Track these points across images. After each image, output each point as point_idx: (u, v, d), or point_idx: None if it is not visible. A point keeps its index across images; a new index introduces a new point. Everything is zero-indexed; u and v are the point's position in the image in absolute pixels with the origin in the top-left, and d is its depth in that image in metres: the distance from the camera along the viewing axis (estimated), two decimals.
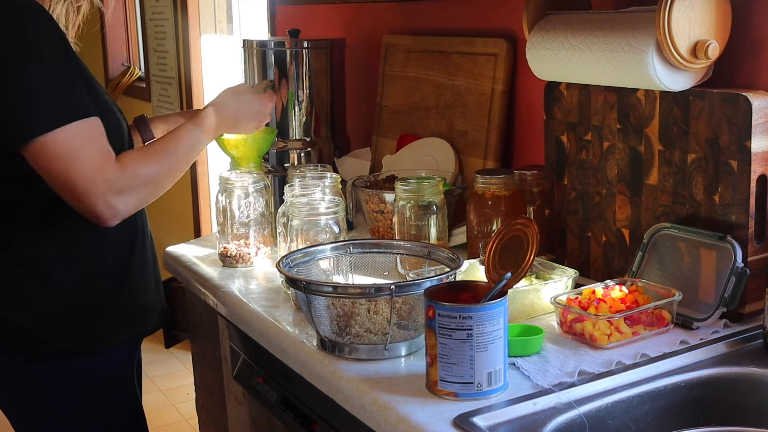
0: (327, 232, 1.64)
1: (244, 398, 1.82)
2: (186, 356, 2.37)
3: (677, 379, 1.29)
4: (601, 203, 1.69)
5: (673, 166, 1.55)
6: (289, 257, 1.49)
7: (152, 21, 4.28)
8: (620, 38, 1.51)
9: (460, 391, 1.22)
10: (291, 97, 2.42)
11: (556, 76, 1.71)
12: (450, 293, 1.28)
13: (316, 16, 2.82)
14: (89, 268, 1.59)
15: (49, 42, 1.45)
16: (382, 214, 1.97)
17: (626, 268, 1.63)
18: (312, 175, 1.91)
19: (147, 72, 4.49)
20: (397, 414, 1.20)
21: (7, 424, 1.72)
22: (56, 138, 1.42)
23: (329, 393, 1.36)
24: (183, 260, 2.02)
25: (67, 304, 1.58)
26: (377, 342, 1.37)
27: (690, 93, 1.50)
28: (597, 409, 1.22)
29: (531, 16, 1.73)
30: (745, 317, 1.46)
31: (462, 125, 2.16)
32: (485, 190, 1.77)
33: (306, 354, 1.44)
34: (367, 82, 2.62)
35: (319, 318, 1.39)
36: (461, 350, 1.20)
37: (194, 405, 2.34)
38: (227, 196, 1.91)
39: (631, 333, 1.39)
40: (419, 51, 2.32)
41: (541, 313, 1.53)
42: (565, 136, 1.75)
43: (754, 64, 1.54)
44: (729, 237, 1.43)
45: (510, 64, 2.04)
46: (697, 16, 1.43)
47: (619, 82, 1.56)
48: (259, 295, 1.73)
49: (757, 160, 1.42)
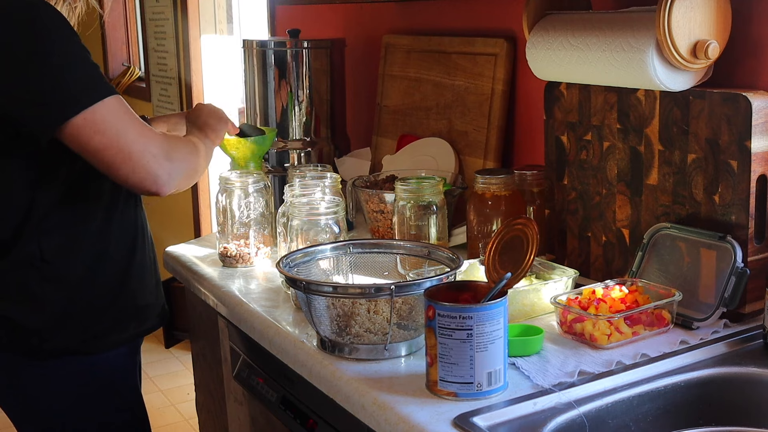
0: (327, 232, 1.64)
1: (244, 398, 1.82)
2: (186, 356, 2.37)
3: (677, 379, 1.29)
4: (601, 203, 1.69)
5: (673, 166, 1.55)
6: (289, 257, 1.49)
7: (152, 21, 4.28)
8: (620, 38, 1.51)
9: (460, 391, 1.22)
10: (291, 97, 2.42)
11: (556, 76, 1.71)
12: (450, 293, 1.28)
13: (316, 16, 2.82)
14: (91, 267, 1.59)
15: (69, 28, 1.46)
16: (382, 214, 1.97)
17: (626, 268, 1.63)
18: (312, 175, 1.91)
19: (147, 72, 4.49)
20: (397, 414, 1.20)
21: (8, 424, 1.72)
22: (99, 110, 1.42)
23: (329, 393, 1.36)
24: (183, 260, 2.02)
25: (68, 302, 1.58)
26: (377, 342, 1.37)
27: (690, 93, 1.50)
28: (597, 409, 1.22)
29: (531, 16, 1.73)
30: (745, 317, 1.46)
31: (462, 125, 2.16)
32: (485, 190, 1.77)
33: (306, 354, 1.44)
34: (367, 82, 2.62)
35: (319, 318, 1.39)
36: (461, 350, 1.20)
37: (194, 405, 2.34)
38: (227, 196, 1.91)
39: (631, 333, 1.39)
40: (419, 51, 2.32)
41: (541, 313, 1.53)
42: (565, 136, 1.75)
43: (754, 64, 1.54)
44: (729, 237, 1.43)
45: (510, 64, 2.04)
46: (697, 16, 1.43)
47: (619, 82, 1.56)
48: (259, 295, 1.73)
49: (757, 160, 1.42)
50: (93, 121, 1.42)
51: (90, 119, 1.42)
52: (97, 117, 1.42)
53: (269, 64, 2.41)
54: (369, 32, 2.60)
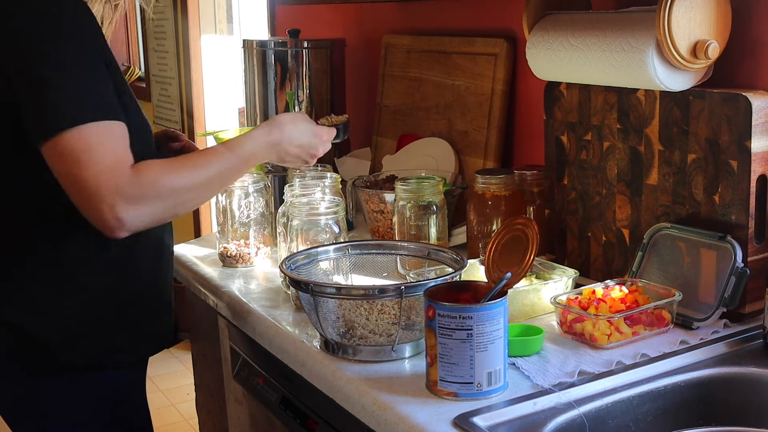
0: (327, 232, 1.64)
1: (244, 398, 1.82)
2: (186, 356, 2.37)
3: (677, 379, 1.29)
4: (601, 203, 1.69)
5: (673, 166, 1.55)
6: (291, 259, 1.49)
7: (152, 21, 4.28)
8: (620, 38, 1.51)
9: (460, 391, 1.22)
10: (291, 97, 2.42)
11: (556, 76, 1.71)
12: (450, 293, 1.28)
13: (316, 16, 2.82)
14: (111, 281, 1.52)
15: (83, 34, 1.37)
16: (382, 214, 1.97)
17: (626, 268, 1.63)
18: (312, 175, 1.91)
19: (147, 72, 4.49)
20: (397, 414, 1.20)
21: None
22: (71, 136, 1.32)
23: (329, 393, 1.36)
24: (183, 260, 2.02)
25: (84, 315, 1.50)
26: (384, 344, 1.37)
27: (690, 93, 1.50)
28: (597, 409, 1.22)
29: (531, 16, 1.73)
30: (745, 317, 1.46)
31: (462, 125, 2.16)
32: (485, 190, 1.77)
33: (306, 354, 1.44)
34: (367, 82, 2.62)
35: (325, 320, 1.38)
36: (461, 350, 1.20)
37: (194, 405, 2.34)
38: (227, 196, 1.91)
39: (631, 333, 1.39)
40: (419, 51, 2.32)
41: (541, 313, 1.53)
42: (565, 136, 1.75)
43: (754, 64, 1.54)
44: (729, 237, 1.43)
45: (510, 64, 2.04)
46: (697, 16, 1.43)
47: (619, 82, 1.56)
48: (259, 295, 1.73)
49: (757, 160, 1.42)
50: (60, 148, 1.32)
51: (56, 145, 1.32)
52: (64, 144, 1.32)
53: (269, 64, 2.41)
54: (369, 32, 2.60)
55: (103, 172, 1.32)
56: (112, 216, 1.33)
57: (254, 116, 2.48)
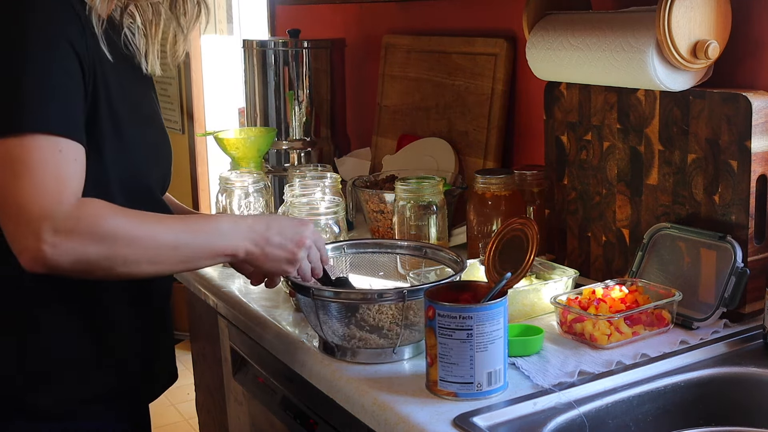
0: (327, 232, 1.64)
1: (244, 398, 1.82)
2: (186, 356, 2.37)
3: (677, 379, 1.29)
4: (601, 203, 1.69)
5: (673, 166, 1.55)
6: None
7: None
8: (620, 38, 1.51)
9: (460, 391, 1.22)
10: (291, 97, 2.42)
11: (556, 76, 1.71)
12: (450, 293, 1.28)
13: (316, 16, 2.82)
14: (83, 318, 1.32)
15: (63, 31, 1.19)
16: (382, 214, 1.97)
17: (626, 268, 1.63)
18: (312, 175, 1.91)
19: None
20: (397, 414, 1.20)
21: None
22: (13, 144, 1.13)
23: (329, 393, 1.36)
24: None
25: (51, 358, 1.29)
26: (385, 345, 1.36)
27: (690, 93, 1.50)
28: (597, 409, 1.22)
29: (531, 16, 1.73)
30: (745, 317, 1.46)
31: (462, 125, 2.16)
32: (485, 190, 1.77)
33: (306, 354, 1.44)
34: (367, 82, 2.62)
35: (326, 323, 1.38)
36: (461, 350, 1.20)
37: (194, 405, 2.34)
38: (227, 196, 1.91)
39: (631, 333, 1.39)
40: (419, 51, 2.32)
41: (541, 313, 1.53)
42: (565, 136, 1.75)
43: (754, 64, 1.54)
44: (729, 237, 1.43)
45: (510, 64, 2.04)
46: (697, 16, 1.43)
47: (619, 82, 1.56)
48: (259, 295, 1.73)
49: (757, 160, 1.42)
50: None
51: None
52: (1, 151, 1.13)
53: (269, 64, 2.41)
54: (369, 32, 2.60)
55: (38, 191, 1.13)
56: (33, 242, 1.12)
57: (254, 116, 2.48)
